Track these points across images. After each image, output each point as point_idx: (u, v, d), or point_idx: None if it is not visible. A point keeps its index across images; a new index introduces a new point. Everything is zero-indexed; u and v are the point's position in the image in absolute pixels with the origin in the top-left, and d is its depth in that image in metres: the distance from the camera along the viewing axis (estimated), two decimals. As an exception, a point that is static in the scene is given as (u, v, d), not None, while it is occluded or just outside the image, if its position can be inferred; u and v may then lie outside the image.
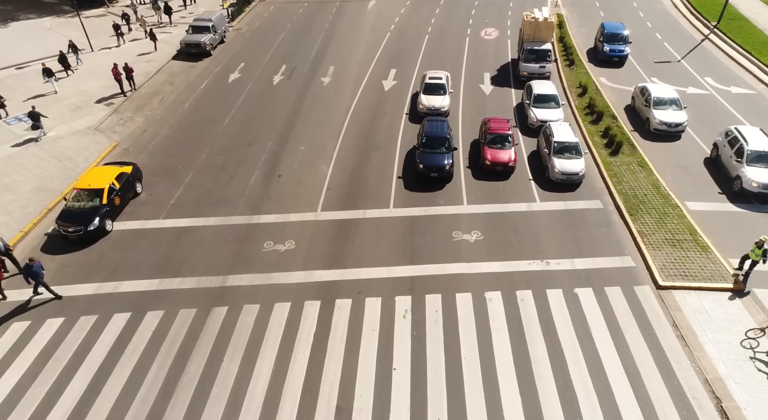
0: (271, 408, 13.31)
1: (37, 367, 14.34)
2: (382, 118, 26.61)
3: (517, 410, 13.10)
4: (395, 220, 19.75)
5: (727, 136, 21.59)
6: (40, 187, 21.22)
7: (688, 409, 12.98)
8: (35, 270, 15.50)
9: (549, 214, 19.92)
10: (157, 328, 15.45)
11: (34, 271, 15.49)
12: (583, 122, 25.84)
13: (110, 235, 19.09)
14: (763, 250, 15.54)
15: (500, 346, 14.78)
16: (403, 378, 13.97)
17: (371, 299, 16.39)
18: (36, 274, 15.56)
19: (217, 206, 20.60)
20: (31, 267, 15.45)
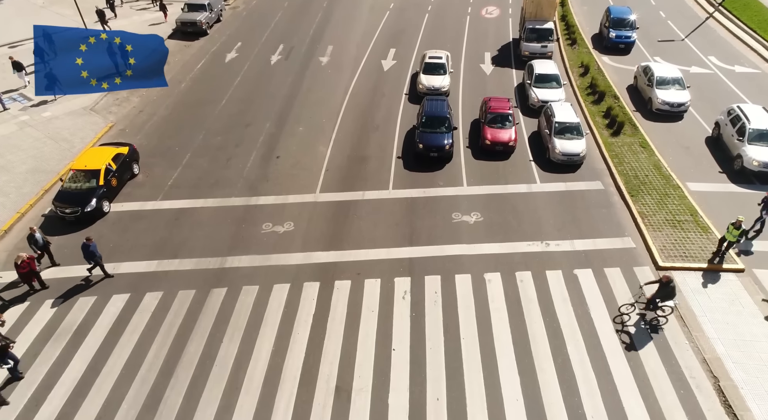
0: (270, 388, 13.38)
1: (37, 347, 14.37)
2: (381, 99, 26.27)
3: (515, 389, 13.17)
4: (394, 202, 19.62)
5: (729, 114, 21.35)
6: (36, 168, 21.01)
7: (686, 388, 13.06)
8: (92, 249, 15.53)
9: (549, 196, 19.79)
10: (156, 309, 15.45)
11: (91, 250, 15.52)
12: (585, 102, 25.53)
13: (108, 216, 18.97)
14: (741, 231, 15.47)
15: (499, 327, 14.81)
16: (402, 358, 14.02)
17: (370, 280, 16.37)
18: (93, 253, 15.58)
19: (215, 187, 20.44)
20: (88, 246, 15.47)
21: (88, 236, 15.75)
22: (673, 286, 13.91)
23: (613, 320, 14.81)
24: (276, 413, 12.80)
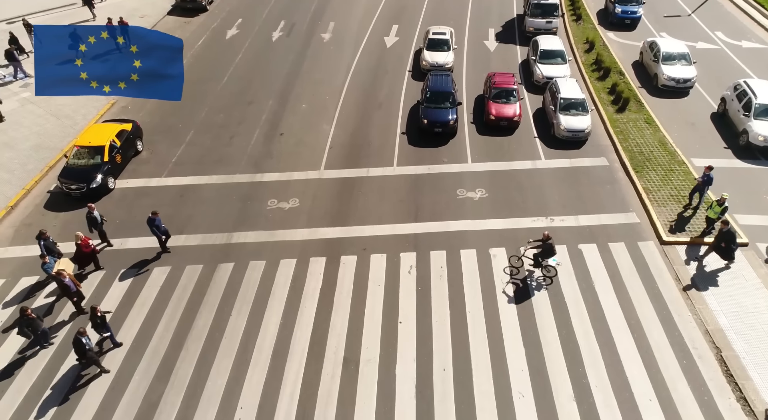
0: (279, 359, 13.59)
1: (47, 321, 14.53)
2: (385, 76, 26.04)
3: (520, 360, 13.39)
4: (399, 178, 19.63)
5: (736, 90, 21.21)
6: (40, 145, 20.96)
7: (689, 359, 13.27)
8: (157, 223, 15.63)
9: (554, 172, 19.78)
10: (165, 283, 15.59)
11: (157, 224, 15.62)
12: (590, 79, 25.32)
13: (113, 192, 18.99)
14: (723, 208, 15.55)
15: (504, 300, 14.97)
16: (408, 331, 14.21)
17: (376, 256, 16.48)
18: (159, 227, 15.69)
19: (219, 164, 20.42)
20: (153, 220, 15.56)
21: (155, 210, 15.83)
22: (551, 244, 14.71)
23: (503, 270, 15.67)
24: (285, 383, 13.04)
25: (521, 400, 12.53)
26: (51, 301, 15.13)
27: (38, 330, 13.34)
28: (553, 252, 14.87)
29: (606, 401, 12.43)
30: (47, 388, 12.97)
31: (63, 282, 13.86)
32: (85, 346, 12.42)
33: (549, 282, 15.36)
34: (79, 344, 12.34)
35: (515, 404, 12.44)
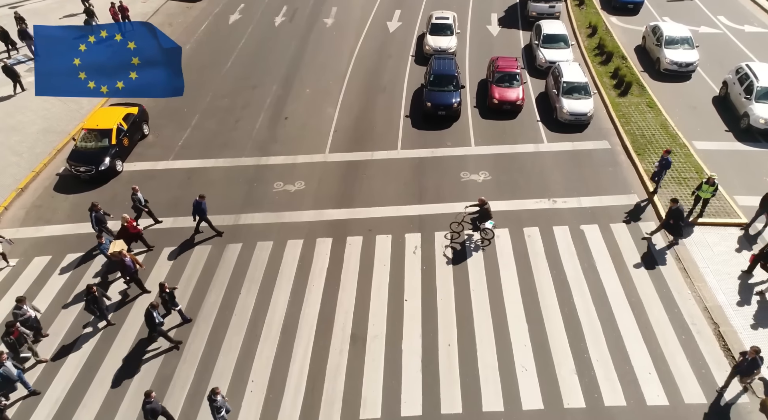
0: (288, 335, 13.94)
1: (62, 297, 14.90)
2: (388, 61, 26.13)
3: (523, 336, 13.74)
4: (403, 162, 19.85)
5: (738, 73, 21.35)
6: (47, 129, 21.14)
7: (687, 334, 13.62)
8: (203, 207, 15.83)
9: (556, 155, 20.00)
10: (175, 263, 15.90)
11: (202, 208, 15.83)
12: (592, 63, 25.43)
13: (121, 175, 19.23)
14: (715, 187, 15.87)
15: (508, 279, 15.28)
16: (414, 308, 14.54)
17: (381, 236, 16.76)
18: (203, 211, 15.89)
19: (225, 148, 20.62)
20: (200, 203, 15.77)
21: (201, 194, 16.05)
22: (487, 209, 15.64)
23: (445, 236, 16.39)
24: (295, 358, 13.39)
25: (524, 373, 12.90)
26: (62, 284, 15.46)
27: (103, 307, 13.70)
28: (489, 216, 15.74)
29: (606, 374, 12.79)
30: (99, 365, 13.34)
31: (125, 262, 14.11)
32: (155, 320, 12.77)
33: (487, 244, 16.25)
34: (151, 318, 12.70)
35: (518, 377, 12.81)
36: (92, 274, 15.58)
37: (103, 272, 15.58)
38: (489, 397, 12.42)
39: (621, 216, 17.19)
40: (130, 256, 14.41)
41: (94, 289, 13.31)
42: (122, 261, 14.11)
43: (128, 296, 14.97)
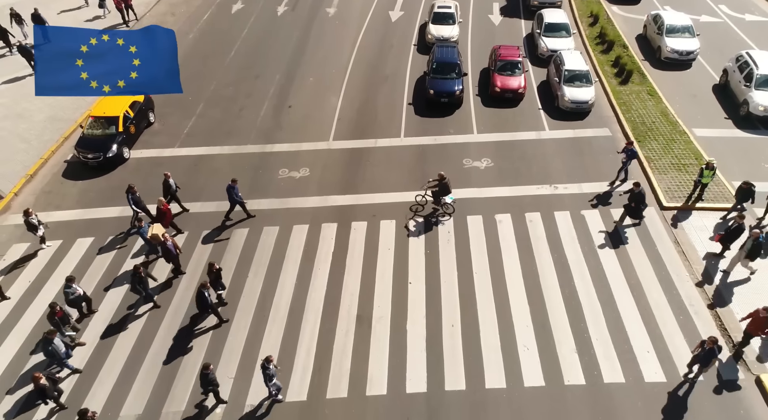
0: (296, 317, 14.26)
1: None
2: (390, 50, 26.28)
3: (525, 316, 14.07)
4: (406, 149, 20.09)
5: (738, 61, 21.53)
6: (53, 117, 21.35)
7: (685, 315, 13.95)
8: (236, 190, 16.12)
9: (558, 142, 20.23)
10: (183, 247, 16.16)
11: (236, 191, 16.12)
12: (594, 52, 25.59)
13: (128, 162, 19.49)
14: (714, 171, 16.21)
15: (510, 263, 15.58)
16: (418, 291, 14.86)
17: (386, 221, 17.05)
18: (237, 193, 16.18)
19: (230, 136, 20.86)
20: (232, 188, 16.06)
21: (234, 178, 16.32)
22: (446, 183, 16.43)
23: (409, 209, 17.26)
24: (302, 339, 13.73)
25: (526, 352, 13.24)
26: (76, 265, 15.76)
27: (148, 288, 14.07)
28: (448, 190, 16.57)
29: (606, 353, 13.13)
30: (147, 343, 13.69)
31: (166, 245, 14.37)
32: (207, 299, 13.15)
33: (447, 218, 16.95)
34: (202, 297, 13.07)
35: (520, 356, 13.16)
36: (110, 256, 15.87)
37: (129, 255, 15.89)
38: (492, 375, 12.77)
39: (621, 202, 17.43)
40: (172, 239, 14.64)
41: (141, 271, 13.64)
42: (164, 244, 14.35)
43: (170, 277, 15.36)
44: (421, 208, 17.26)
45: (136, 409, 12.32)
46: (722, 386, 12.48)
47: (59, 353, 12.21)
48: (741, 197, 15.81)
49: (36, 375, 11.21)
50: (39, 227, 15.45)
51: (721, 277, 14.82)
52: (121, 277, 15.30)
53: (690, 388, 12.42)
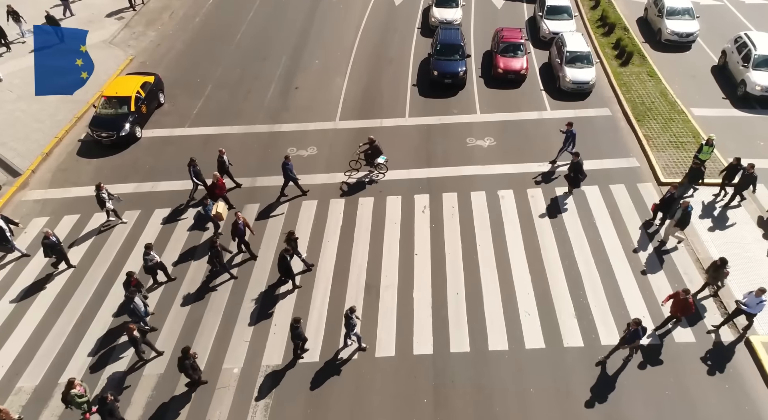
0: (307, 286, 14.88)
1: (92, 254, 15.82)
2: (394, 33, 26.64)
3: (527, 285, 14.68)
4: (411, 128, 20.58)
5: (736, 42, 21.94)
6: (65, 98, 21.59)
7: (680, 283, 14.55)
8: (290, 166, 16.72)
9: (559, 122, 20.60)
10: (196, 222, 16.76)
11: (289, 167, 16.72)
12: (595, 34, 25.95)
13: (140, 141, 20.01)
14: (713, 147, 16.73)
15: (512, 235, 16.16)
16: (424, 261, 15.46)
17: (392, 197, 17.60)
18: (289, 170, 16.77)
19: (239, 116, 21.35)
20: (286, 164, 16.64)
21: (287, 154, 16.92)
22: (376, 145, 17.59)
23: (344, 173, 18.31)
24: (314, 305, 14.37)
25: (527, 317, 13.87)
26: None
27: (224, 261, 14.71)
28: (380, 152, 17.76)
29: (603, 318, 13.76)
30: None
31: (237, 224, 14.75)
32: (290, 264, 13.88)
33: (381, 176, 18.15)
34: (284, 261, 13.75)
35: (522, 321, 13.79)
36: (125, 231, 16.46)
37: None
38: (495, 338, 13.42)
39: (620, 178, 17.98)
40: (243, 219, 15.02)
41: (218, 244, 14.22)
42: (234, 222, 14.79)
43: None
44: (355, 171, 18.38)
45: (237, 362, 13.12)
46: (713, 348, 13.12)
47: (139, 311, 13.11)
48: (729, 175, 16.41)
49: (131, 326, 12.17)
50: (107, 202, 15.99)
51: (716, 248, 15.37)
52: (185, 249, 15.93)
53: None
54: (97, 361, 13.25)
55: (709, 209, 16.66)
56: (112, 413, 11.20)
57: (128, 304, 13.02)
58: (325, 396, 12.44)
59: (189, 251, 15.91)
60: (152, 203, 17.36)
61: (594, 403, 12.15)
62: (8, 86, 22.03)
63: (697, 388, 12.36)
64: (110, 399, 11.07)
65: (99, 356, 13.35)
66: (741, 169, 16.03)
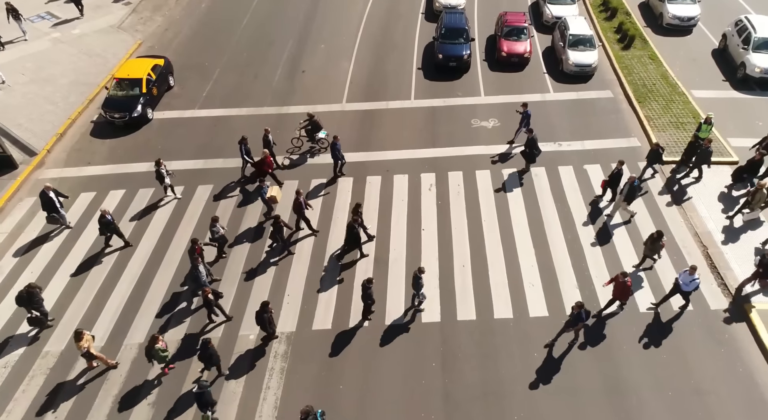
0: (318, 258, 15.38)
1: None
2: (399, 19, 26.97)
3: (530, 258, 15.18)
4: (417, 110, 21.00)
5: (737, 25, 22.29)
6: (77, 81, 22.22)
7: (678, 255, 15.07)
8: (338, 147, 17.09)
9: (562, 104, 21.12)
10: (209, 199, 17.24)
11: (338, 147, 17.09)
12: (597, 19, 26.27)
13: (152, 122, 20.44)
14: (711, 125, 17.15)
15: (516, 212, 16.64)
16: (431, 236, 15.95)
17: (399, 176, 18.06)
18: (339, 150, 17.15)
19: (247, 99, 21.75)
20: (335, 144, 17.05)
21: (336, 135, 17.42)
22: (315, 121, 18.27)
23: (287, 151, 18.89)
24: (325, 277, 14.88)
25: (532, 288, 14.39)
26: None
27: (284, 237, 15.22)
28: (320, 127, 18.41)
29: (605, 288, 14.26)
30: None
31: (299, 200, 15.11)
32: (359, 234, 14.62)
33: (323, 151, 18.70)
34: (353, 230, 14.42)
35: (526, 291, 14.31)
36: (140, 206, 16.93)
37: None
38: (500, 307, 13.94)
39: (621, 157, 18.24)
40: (303, 197, 15.39)
41: (281, 221, 14.73)
42: (296, 199, 15.21)
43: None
44: (298, 149, 18.93)
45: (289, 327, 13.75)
46: (710, 315, 13.66)
47: (201, 279, 13.72)
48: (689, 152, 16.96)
49: (206, 289, 12.89)
50: (166, 177, 16.48)
51: (714, 222, 15.84)
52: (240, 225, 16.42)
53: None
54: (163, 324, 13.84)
55: (708, 189, 17.11)
56: (211, 358, 11.88)
57: (193, 271, 13.67)
58: (338, 360, 12.98)
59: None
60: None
61: (593, 365, 12.70)
62: (21, 69, 22.40)
63: (693, 351, 12.90)
64: (212, 344, 11.77)
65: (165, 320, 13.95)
66: (699, 145, 16.44)
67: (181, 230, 16.22)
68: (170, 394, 12.38)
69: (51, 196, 15.43)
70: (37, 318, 13.35)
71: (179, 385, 12.55)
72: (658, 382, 12.31)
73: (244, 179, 17.76)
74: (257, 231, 16.27)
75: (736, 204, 16.38)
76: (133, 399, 12.31)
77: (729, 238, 15.42)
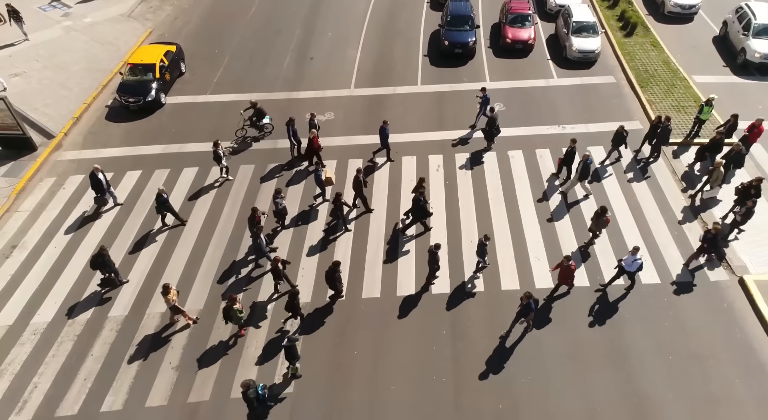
0: (328, 239, 15.88)
1: (128, 206, 16.83)
2: (404, 8, 27.40)
3: (536, 233, 15.69)
4: (423, 95, 21.46)
5: (737, 12, 22.72)
6: (90, 67, 22.68)
7: (679, 231, 15.58)
8: (387, 132, 17.44)
9: (565, 89, 21.58)
10: (240, 177, 17.74)
11: (387, 132, 17.45)
12: (600, 7, 26.68)
13: (165, 107, 20.92)
14: (712, 107, 17.61)
15: (522, 191, 17.13)
16: (439, 214, 16.44)
17: (407, 157, 18.55)
18: (387, 135, 17.51)
19: (257, 84, 22.22)
20: (384, 129, 17.43)
21: (385, 120, 17.64)
22: (259, 108, 18.57)
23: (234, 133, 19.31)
24: (337, 253, 15.38)
25: (537, 262, 14.91)
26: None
27: (344, 214, 15.76)
28: (264, 113, 18.71)
29: (608, 261, 14.78)
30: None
31: (359, 178, 15.60)
32: (426, 208, 15.30)
33: (269, 135, 19.26)
34: (418, 203, 15.02)
35: (532, 264, 14.84)
36: (154, 188, 17.42)
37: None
38: (507, 279, 14.47)
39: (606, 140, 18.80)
40: (361, 174, 15.83)
41: (343, 199, 15.27)
42: (356, 177, 15.71)
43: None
44: (241, 139, 19.22)
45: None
46: (710, 286, 14.19)
47: (263, 248, 14.56)
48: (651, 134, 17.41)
49: (276, 257, 13.56)
50: (223, 158, 16.95)
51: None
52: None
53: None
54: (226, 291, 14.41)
55: (707, 166, 17.57)
56: (296, 307, 12.89)
57: (255, 239, 14.38)
58: (351, 328, 13.53)
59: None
60: (180, 163, 18.32)
61: (596, 329, 13.23)
62: (35, 56, 22.86)
63: (692, 320, 13.43)
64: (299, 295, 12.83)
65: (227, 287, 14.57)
66: (660, 126, 16.93)
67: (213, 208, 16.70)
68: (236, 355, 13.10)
69: (100, 178, 15.85)
70: (110, 279, 14.14)
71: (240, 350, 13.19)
72: (659, 347, 12.86)
73: (294, 160, 18.27)
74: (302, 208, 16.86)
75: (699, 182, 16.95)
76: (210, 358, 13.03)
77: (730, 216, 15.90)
